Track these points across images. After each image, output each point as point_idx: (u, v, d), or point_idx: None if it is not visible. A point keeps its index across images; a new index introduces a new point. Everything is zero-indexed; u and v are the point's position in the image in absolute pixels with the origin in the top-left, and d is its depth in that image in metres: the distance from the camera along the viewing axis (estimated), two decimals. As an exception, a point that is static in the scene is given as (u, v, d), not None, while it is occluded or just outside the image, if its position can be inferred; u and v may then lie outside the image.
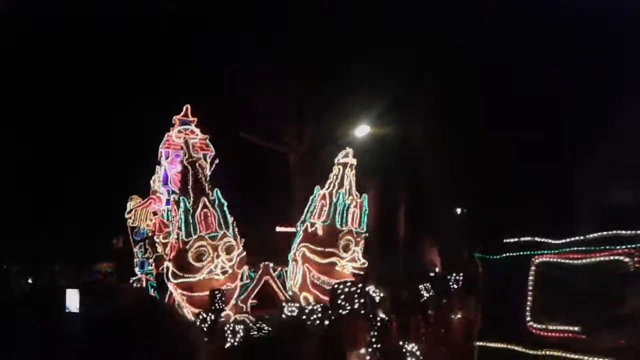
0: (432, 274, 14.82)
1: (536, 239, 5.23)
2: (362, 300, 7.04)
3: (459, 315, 8.41)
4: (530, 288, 5.06)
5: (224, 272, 7.73)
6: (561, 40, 15.92)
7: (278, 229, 20.42)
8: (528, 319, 5.03)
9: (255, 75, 18.04)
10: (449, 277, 8.38)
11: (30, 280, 20.29)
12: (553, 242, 5.11)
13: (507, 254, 5.44)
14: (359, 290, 7.12)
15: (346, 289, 7.08)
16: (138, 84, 18.09)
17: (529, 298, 5.04)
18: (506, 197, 18.78)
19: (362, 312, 6.87)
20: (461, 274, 8.93)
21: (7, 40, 15.90)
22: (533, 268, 5.07)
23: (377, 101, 18.13)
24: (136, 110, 17.95)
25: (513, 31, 16.51)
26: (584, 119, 17.50)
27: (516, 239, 5.40)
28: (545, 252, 5.08)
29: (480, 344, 5.43)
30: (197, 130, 12.10)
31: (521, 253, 5.27)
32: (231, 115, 18.36)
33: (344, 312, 6.75)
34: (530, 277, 5.05)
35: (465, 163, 17.86)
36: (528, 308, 5.03)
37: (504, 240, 5.52)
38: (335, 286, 7.20)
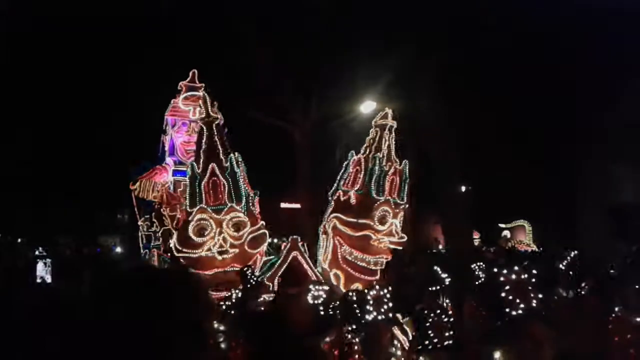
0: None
1: None
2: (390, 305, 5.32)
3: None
4: None
5: (221, 252, 6.34)
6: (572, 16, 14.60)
7: (283, 205, 19.22)
8: None
9: (259, 49, 16.78)
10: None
11: (37, 252, 19.00)
12: None
13: None
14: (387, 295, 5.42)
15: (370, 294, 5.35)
16: (143, 52, 16.53)
17: None
18: (512, 176, 17.73)
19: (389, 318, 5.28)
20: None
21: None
22: None
23: (382, 76, 16.96)
24: (141, 78, 16.40)
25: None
26: (590, 99, 16.41)
27: None
28: None
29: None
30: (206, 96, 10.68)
31: None
32: (234, 90, 17.06)
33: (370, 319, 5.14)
34: None
35: (472, 140, 16.68)
36: None
37: None
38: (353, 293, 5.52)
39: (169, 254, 7.78)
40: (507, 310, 3.54)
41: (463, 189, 19.22)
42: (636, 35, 13.52)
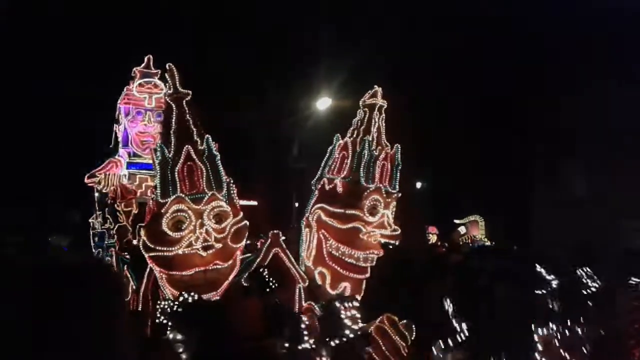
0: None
1: None
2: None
3: None
4: None
5: (206, 248, 5.14)
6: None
7: (241, 202, 18.22)
8: None
9: (216, 42, 15.89)
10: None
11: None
12: None
13: None
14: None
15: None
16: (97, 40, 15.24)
17: None
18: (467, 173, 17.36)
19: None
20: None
21: None
22: None
23: (338, 72, 16.36)
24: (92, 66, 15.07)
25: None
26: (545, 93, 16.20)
27: None
28: None
29: None
30: (162, 84, 9.68)
31: None
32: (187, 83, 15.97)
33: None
34: None
35: (427, 135, 16.18)
36: None
37: None
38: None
39: (131, 254, 6.61)
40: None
41: (419, 185, 18.71)
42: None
